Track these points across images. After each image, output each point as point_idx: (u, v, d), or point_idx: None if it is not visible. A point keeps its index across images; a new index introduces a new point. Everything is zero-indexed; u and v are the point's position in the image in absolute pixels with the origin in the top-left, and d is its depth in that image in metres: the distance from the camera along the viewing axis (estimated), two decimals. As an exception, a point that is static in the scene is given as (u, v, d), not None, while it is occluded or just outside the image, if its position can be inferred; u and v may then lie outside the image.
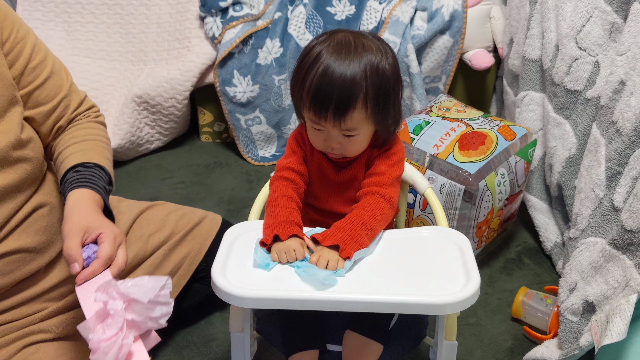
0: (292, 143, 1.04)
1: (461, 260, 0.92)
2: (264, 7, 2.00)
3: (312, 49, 0.93)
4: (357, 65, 0.89)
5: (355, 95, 0.89)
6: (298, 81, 0.94)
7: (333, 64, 0.89)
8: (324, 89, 0.89)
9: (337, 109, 0.89)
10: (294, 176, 1.01)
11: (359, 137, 0.95)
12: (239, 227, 1.01)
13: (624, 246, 1.10)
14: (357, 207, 0.97)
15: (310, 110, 0.92)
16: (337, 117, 0.90)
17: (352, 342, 1.03)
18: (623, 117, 1.22)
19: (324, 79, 0.89)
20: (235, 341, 1.02)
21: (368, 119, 0.93)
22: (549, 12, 1.58)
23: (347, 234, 0.90)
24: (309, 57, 0.92)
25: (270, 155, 2.12)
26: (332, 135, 0.94)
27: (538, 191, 1.68)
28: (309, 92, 0.91)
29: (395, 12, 1.98)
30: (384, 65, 0.92)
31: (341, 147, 0.96)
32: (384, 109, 0.94)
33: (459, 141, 1.48)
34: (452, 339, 1.01)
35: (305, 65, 0.92)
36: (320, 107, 0.90)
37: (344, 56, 0.90)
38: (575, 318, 1.21)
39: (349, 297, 0.84)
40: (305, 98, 0.92)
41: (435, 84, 2.09)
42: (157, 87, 1.98)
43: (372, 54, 0.91)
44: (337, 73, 0.89)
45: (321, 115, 0.91)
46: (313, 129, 0.95)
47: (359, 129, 0.93)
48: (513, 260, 1.64)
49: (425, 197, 1.09)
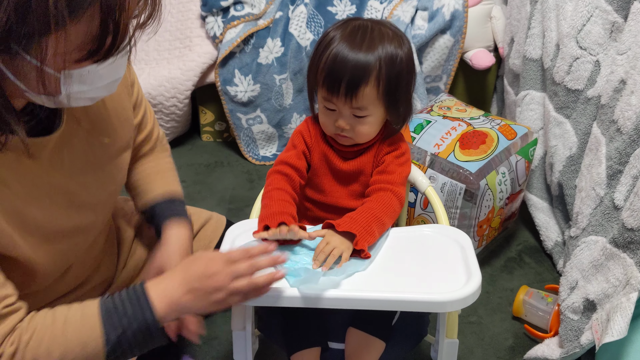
0: (294, 137, 1.06)
1: (462, 258, 0.92)
2: (265, 7, 2.00)
3: (327, 33, 0.96)
4: (372, 47, 0.92)
5: (368, 72, 0.92)
6: (314, 63, 0.97)
7: (348, 45, 0.92)
8: (338, 65, 0.92)
9: (349, 84, 0.92)
10: (289, 171, 1.03)
11: (369, 118, 0.97)
12: (240, 225, 1.02)
13: (624, 244, 1.10)
14: (369, 200, 0.98)
15: (323, 87, 0.95)
16: (348, 93, 0.92)
17: (355, 339, 1.03)
18: (624, 116, 1.22)
19: (338, 56, 0.92)
20: (237, 339, 1.03)
21: (379, 100, 0.95)
22: (550, 11, 1.58)
23: (362, 225, 0.92)
24: (325, 40, 0.96)
25: (271, 155, 2.12)
26: (343, 114, 0.96)
27: (539, 190, 1.68)
28: (323, 70, 0.94)
29: (396, 11, 1.99)
30: (399, 52, 0.94)
31: (351, 130, 0.97)
32: (396, 94, 0.96)
33: (459, 140, 1.48)
34: (453, 337, 1.02)
35: (320, 48, 0.96)
36: (333, 82, 0.93)
37: (360, 38, 0.93)
38: (576, 316, 1.21)
39: (351, 295, 0.85)
40: (320, 76, 0.95)
41: (436, 83, 2.09)
42: (159, 87, 1.98)
43: (388, 40, 0.94)
44: (351, 52, 0.92)
45: (333, 90, 0.93)
46: (325, 109, 0.98)
47: (369, 108, 0.95)
48: (514, 259, 1.64)
49: (426, 196, 1.10)
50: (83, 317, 0.80)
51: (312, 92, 1.01)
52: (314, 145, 1.05)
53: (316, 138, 1.04)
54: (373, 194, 1.00)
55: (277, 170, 1.03)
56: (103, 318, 0.80)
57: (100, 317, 0.80)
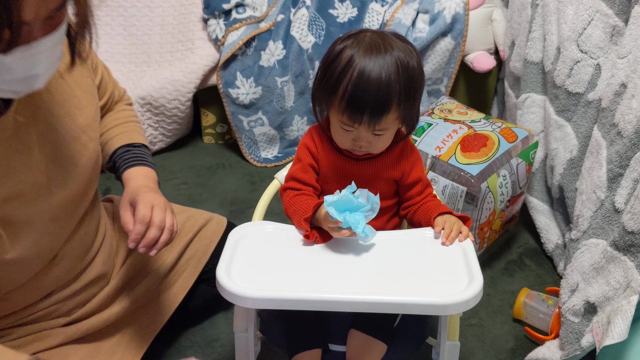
0: (299, 150, 1.07)
1: (464, 261, 0.93)
2: (266, 10, 2.01)
3: (341, 52, 0.93)
4: (391, 68, 0.91)
5: (391, 99, 0.91)
6: (328, 86, 0.94)
7: (367, 67, 0.90)
8: (360, 94, 0.90)
9: (374, 113, 0.91)
10: (299, 185, 1.05)
11: (387, 134, 0.98)
12: (243, 228, 1.02)
13: (625, 247, 1.11)
14: (432, 201, 1.07)
15: (344, 114, 0.93)
16: (372, 120, 0.92)
17: (357, 341, 1.03)
18: (624, 120, 1.22)
19: (360, 84, 0.90)
20: (239, 341, 1.03)
21: (399, 118, 0.96)
22: (551, 15, 1.59)
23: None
24: (339, 61, 0.92)
25: (272, 157, 2.13)
26: (361, 135, 0.96)
27: (539, 193, 1.69)
28: (344, 98, 0.92)
29: (397, 14, 1.99)
30: (413, 63, 0.94)
31: (368, 145, 0.98)
32: (413, 106, 0.97)
33: (461, 143, 1.48)
34: (455, 340, 1.02)
35: (336, 70, 0.92)
36: (355, 112, 0.91)
37: (376, 58, 0.90)
38: (577, 319, 1.22)
39: (353, 298, 0.85)
40: (339, 103, 0.93)
41: (437, 86, 2.10)
42: (161, 89, 1.99)
43: (400, 54, 0.92)
44: (372, 77, 0.90)
45: (356, 119, 0.92)
46: (342, 130, 0.97)
47: (390, 128, 0.96)
48: (515, 262, 1.64)
49: (428, 199, 1.10)
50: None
51: (322, 109, 0.99)
52: (321, 155, 1.05)
53: (322, 147, 1.04)
54: (427, 203, 1.06)
55: (287, 187, 1.06)
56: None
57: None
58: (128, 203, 0.99)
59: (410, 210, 1.08)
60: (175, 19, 2.06)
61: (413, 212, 1.07)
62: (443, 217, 1.00)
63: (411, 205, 1.08)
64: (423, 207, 1.05)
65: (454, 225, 0.98)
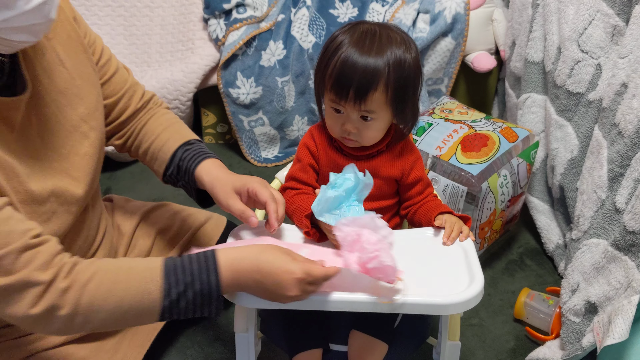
0: (299, 150, 1.08)
1: (465, 261, 0.93)
2: (267, 9, 2.01)
3: (335, 37, 0.97)
4: (381, 52, 0.93)
5: (377, 78, 0.93)
6: (321, 68, 0.98)
7: (357, 49, 0.93)
8: (347, 70, 0.93)
9: (359, 90, 0.93)
10: (298, 185, 1.06)
11: (376, 122, 0.98)
12: (242, 228, 1.02)
13: (626, 247, 1.11)
14: (433, 201, 1.07)
15: (331, 91, 0.95)
16: (357, 98, 0.93)
17: (358, 341, 1.03)
18: (625, 120, 1.22)
19: (348, 61, 0.93)
20: (240, 341, 1.03)
21: (387, 105, 0.96)
22: (551, 14, 1.59)
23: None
24: (332, 44, 0.96)
25: (273, 157, 2.13)
26: (350, 118, 0.97)
27: (540, 193, 1.69)
28: (332, 75, 0.94)
29: (397, 14, 1.99)
30: (407, 57, 0.95)
31: (357, 133, 0.99)
32: (404, 99, 0.97)
33: (461, 143, 1.48)
34: (456, 340, 1.02)
35: (328, 52, 0.96)
36: (342, 87, 0.93)
37: (369, 43, 0.93)
38: (578, 319, 1.22)
39: (353, 298, 0.85)
40: (328, 81, 0.96)
41: (438, 86, 2.10)
42: (161, 89, 1.99)
43: (396, 45, 0.94)
44: (360, 57, 0.92)
45: (342, 94, 0.94)
46: (332, 111, 0.98)
47: (377, 112, 0.96)
48: (515, 262, 1.64)
49: (429, 199, 1.10)
50: (147, 268, 0.80)
51: (320, 95, 1.02)
52: (320, 154, 1.06)
53: (322, 146, 1.06)
54: (429, 202, 1.07)
55: (287, 186, 1.08)
56: (167, 272, 0.79)
57: (164, 271, 0.79)
58: (233, 192, 0.99)
59: (410, 210, 1.08)
60: (175, 19, 2.06)
61: (413, 212, 1.07)
62: (444, 216, 1.00)
63: (412, 205, 1.08)
64: (424, 207, 1.05)
65: (454, 225, 0.98)
